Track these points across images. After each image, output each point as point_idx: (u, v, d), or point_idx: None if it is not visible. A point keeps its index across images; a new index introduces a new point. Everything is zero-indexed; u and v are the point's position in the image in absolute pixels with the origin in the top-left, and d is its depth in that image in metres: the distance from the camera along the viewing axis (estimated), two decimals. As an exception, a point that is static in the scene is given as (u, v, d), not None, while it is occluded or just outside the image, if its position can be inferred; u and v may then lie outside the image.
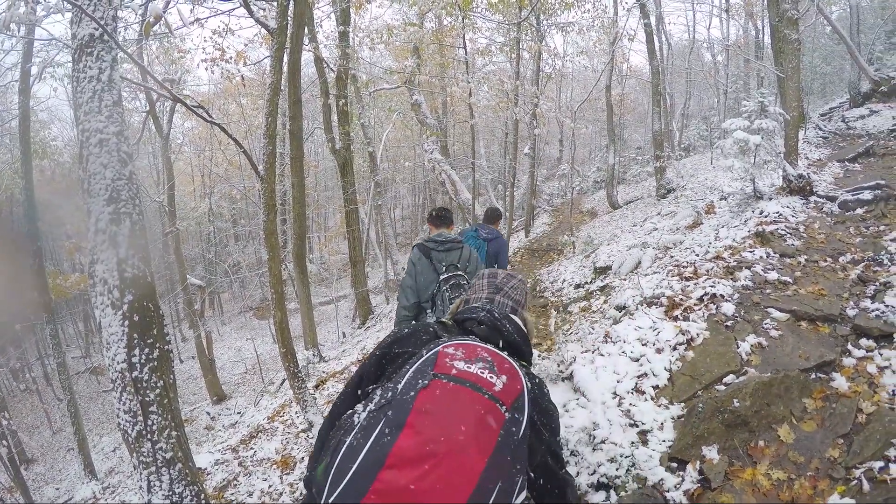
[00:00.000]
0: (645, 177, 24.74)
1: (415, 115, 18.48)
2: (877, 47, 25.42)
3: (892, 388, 3.97)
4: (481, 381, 1.61)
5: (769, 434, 3.78)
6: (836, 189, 10.33)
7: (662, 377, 4.44)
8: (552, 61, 24.38)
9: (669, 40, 28.14)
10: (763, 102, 9.80)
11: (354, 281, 17.05)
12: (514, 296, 2.22)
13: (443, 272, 4.40)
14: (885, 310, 4.95)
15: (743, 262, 6.50)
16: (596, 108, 29.73)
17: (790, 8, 10.18)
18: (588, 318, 7.99)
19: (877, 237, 7.27)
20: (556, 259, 15.40)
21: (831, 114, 21.79)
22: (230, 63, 12.28)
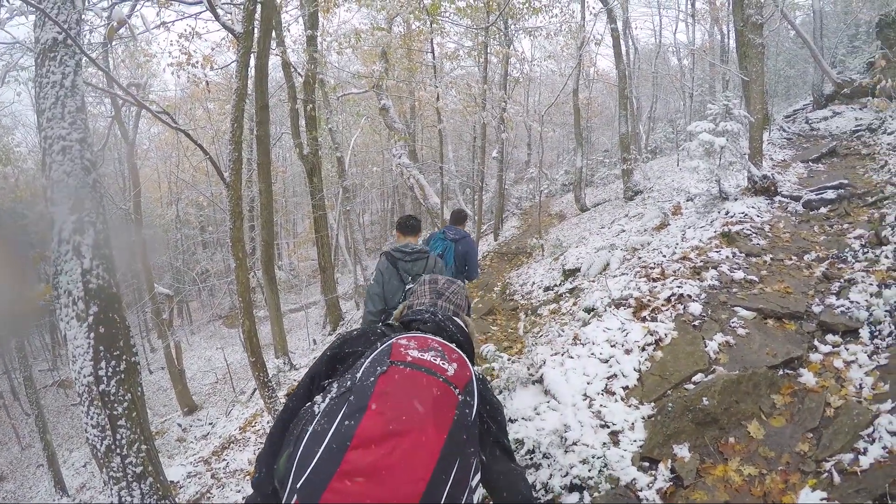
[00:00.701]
0: (612, 179, 24.95)
1: (383, 119, 18.40)
2: (839, 51, 26.12)
3: (858, 382, 4.07)
4: (435, 367, 1.70)
5: (739, 431, 3.84)
6: (800, 189, 10.55)
7: (632, 378, 4.47)
8: (520, 66, 24.53)
9: (636, 45, 28.45)
10: (728, 105, 9.97)
11: (324, 287, 16.93)
12: (455, 300, 2.33)
13: (409, 281, 4.53)
14: (850, 306, 5.07)
15: (709, 262, 6.60)
16: (563, 111, 29.87)
17: (754, 13, 10.40)
18: (558, 320, 8.04)
19: (840, 235, 7.45)
20: (526, 262, 15.46)
21: (795, 115, 22.29)
22: (197, 67, 12.12)
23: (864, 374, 4.15)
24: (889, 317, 4.68)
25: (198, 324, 33.15)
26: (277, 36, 12.97)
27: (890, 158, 11.13)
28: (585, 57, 22.40)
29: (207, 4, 7.30)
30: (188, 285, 27.76)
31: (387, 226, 40.19)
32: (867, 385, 4.01)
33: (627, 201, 17.64)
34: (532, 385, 4.75)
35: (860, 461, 3.29)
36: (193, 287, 28.17)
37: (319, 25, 14.61)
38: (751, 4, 10.51)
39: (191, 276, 28.32)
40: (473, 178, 23.74)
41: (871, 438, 3.43)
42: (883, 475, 3.13)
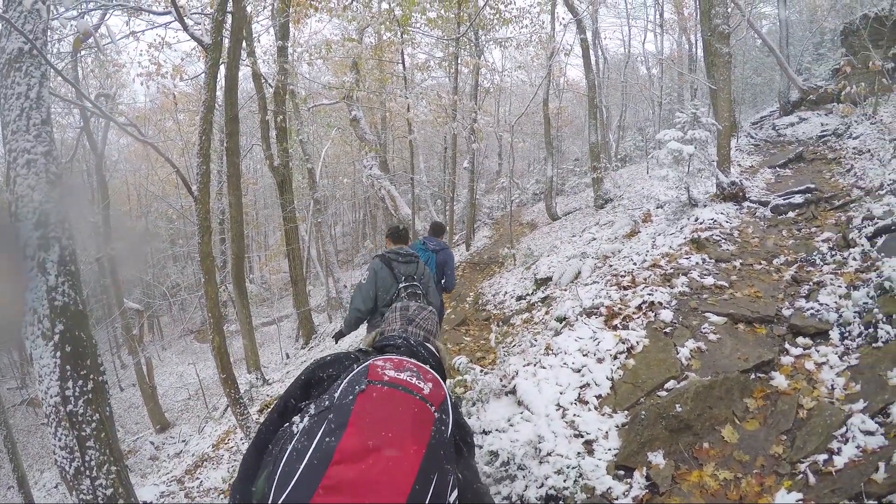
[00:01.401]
0: (583, 188, 25.12)
1: (354, 130, 18.35)
2: (805, 58, 26.71)
3: (830, 383, 4.13)
4: (411, 386, 1.76)
5: (713, 436, 3.87)
6: (768, 194, 10.70)
7: (605, 386, 4.48)
8: (490, 76, 24.67)
9: (606, 55, 28.88)
10: (696, 114, 10.09)
11: (296, 300, 16.81)
12: (426, 325, 2.40)
13: (402, 280, 4.84)
14: (820, 308, 5.15)
15: (680, 268, 6.66)
16: (534, 121, 30.10)
17: (721, 23, 10.58)
18: (531, 329, 8.04)
19: (809, 239, 7.56)
20: (498, 272, 15.48)
21: (762, 122, 22.68)
22: (166, 78, 11.99)
23: (836, 374, 4.21)
24: (858, 318, 4.74)
25: (169, 339, 32.63)
26: (248, 46, 12.89)
27: (856, 162, 11.34)
28: (555, 67, 22.61)
29: (176, 15, 7.22)
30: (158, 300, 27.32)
31: (359, 237, 40.02)
32: (839, 386, 4.07)
33: (598, 209, 17.77)
34: (505, 396, 4.73)
35: (834, 461, 3.34)
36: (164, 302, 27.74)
37: (290, 36, 14.58)
38: (717, 15, 10.69)
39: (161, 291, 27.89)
40: (445, 189, 23.78)
41: (845, 438, 3.48)
42: (857, 474, 3.17)
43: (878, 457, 3.22)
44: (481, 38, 19.85)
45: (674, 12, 27.77)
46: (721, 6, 10.74)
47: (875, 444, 3.34)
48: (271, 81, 14.30)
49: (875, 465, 3.15)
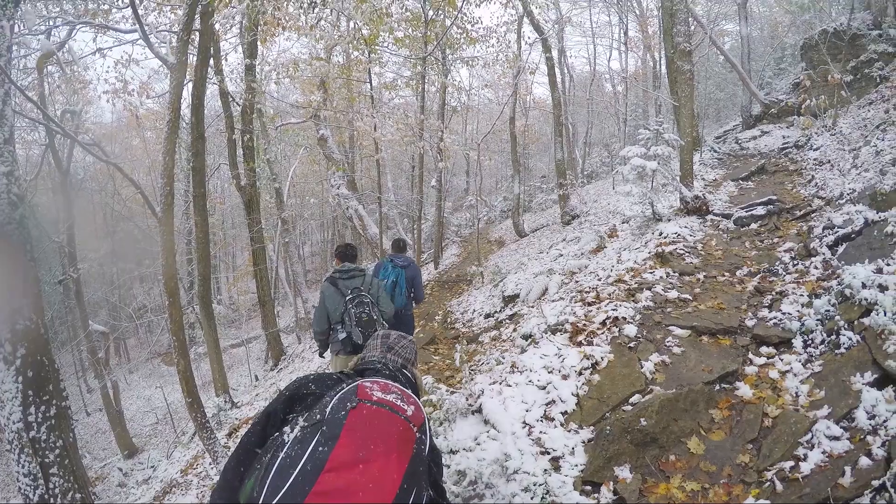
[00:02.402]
0: (550, 204, 25.32)
1: (321, 149, 18.29)
2: (767, 73, 27.43)
3: (794, 391, 4.18)
4: (397, 407, 1.93)
5: (679, 448, 3.88)
6: (731, 206, 10.87)
7: (570, 402, 4.48)
8: (458, 95, 24.83)
9: (572, 72, 29.20)
10: (658, 130, 10.24)
11: (264, 321, 16.61)
12: (404, 353, 2.54)
13: (348, 295, 5.15)
14: (782, 317, 5.23)
15: (644, 283, 6.71)
16: (501, 139, 30.35)
17: (682, 41, 10.79)
18: (498, 347, 8.04)
19: (771, 249, 7.69)
20: (466, 289, 15.49)
21: (725, 136, 23.14)
22: (133, 95, 11.83)
23: (800, 382, 4.27)
24: (820, 325, 4.82)
25: (136, 362, 31.86)
26: (216, 65, 12.81)
27: (816, 173, 11.57)
28: (522, 85, 22.87)
29: (141, 34, 7.17)
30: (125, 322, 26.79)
31: (327, 257, 39.71)
32: (803, 393, 4.12)
33: (565, 225, 17.90)
34: (472, 415, 4.71)
35: (801, 468, 3.38)
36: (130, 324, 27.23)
37: (259, 54, 14.51)
38: (679, 33, 10.92)
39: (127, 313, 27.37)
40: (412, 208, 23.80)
41: (811, 444, 3.52)
42: (824, 479, 3.21)
43: (845, 461, 3.27)
44: (448, 57, 19.98)
45: (638, 31, 28.30)
46: (682, 25, 10.97)
47: (841, 448, 3.39)
48: (239, 100, 14.20)
49: (841, 469, 3.20)
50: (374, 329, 5.04)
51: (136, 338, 34.74)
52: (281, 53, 18.06)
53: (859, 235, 6.37)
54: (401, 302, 6.60)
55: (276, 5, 8.71)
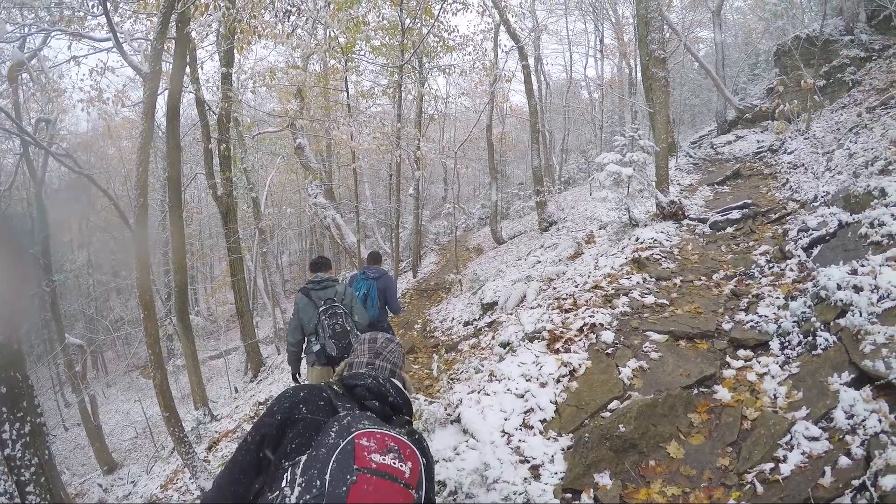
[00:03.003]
0: (528, 211, 25.39)
1: (299, 158, 18.21)
2: (741, 79, 27.91)
3: (772, 393, 4.21)
4: (396, 472, 1.83)
5: (659, 453, 3.89)
6: (707, 211, 10.96)
7: (549, 410, 4.48)
8: (435, 103, 24.88)
9: (548, 80, 29.49)
10: (634, 136, 10.34)
11: (243, 332, 16.45)
12: (392, 359, 2.47)
13: (321, 306, 5.23)
14: (759, 320, 5.26)
15: (621, 288, 6.74)
16: (478, 146, 30.43)
17: (657, 49, 10.92)
18: (477, 355, 8.02)
19: (747, 252, 7.76)
20: (445, 298, 15.50)
21: (701, 141, 23.45)
22: (108, 104, 11.66)
23: (778, 384, 4.29)
24: (797, 327, 4.85)
25: (113, 375, 31.47)
26: (192, 73, 12.69)
27: (791, 176, 11.71)
28: (498, 93, 22.95)
29: (115, 42, 7.07)
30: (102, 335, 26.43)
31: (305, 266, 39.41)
32: (781, 394, 4.14)
33: (543, 232, 17.96)
34: (451, 425, 4.69)
35: (781, 469, 3.39)
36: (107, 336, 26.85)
37: (235, 62, 14.42)
38: (654, 41, 11.05)
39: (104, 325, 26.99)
40: (390, 216, 23.78)
41: (790, 446, 3.54)
42: (805, 480, 3.22)
43: (824, 461, 3.28)
44: (425, 65, 20.01)
45: (614, 38, 28.65)
46: (657, 32, 11.09)
47: (820, 449, 3.40)
48: (215, 108, 14.07)
49: (821, 469, 3.21)
50: (347, 340, 5.17)
51: (114, 350, 34.31)
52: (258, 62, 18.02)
53: (834, 237, 6.44)
54: (374, 313, 6.64)
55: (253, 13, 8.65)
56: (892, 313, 4.14)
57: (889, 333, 3.86)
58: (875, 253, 5.17)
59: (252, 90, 16.18)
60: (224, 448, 9.39)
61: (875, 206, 6.30)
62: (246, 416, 11.09)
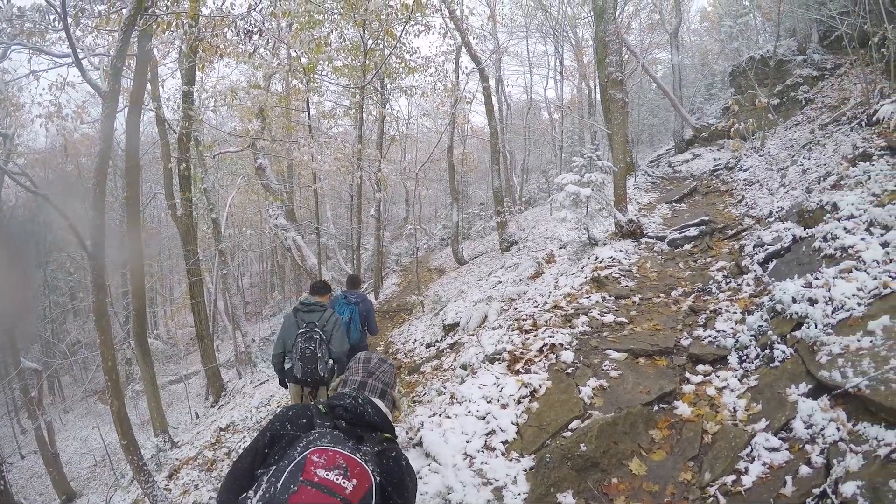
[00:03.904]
0: (489, 231, 25.58)
1: (259, 179, 18.04)
2: (698, 99, 28.62)
3: (732, 406, 4.26)
4: (336, 488, 2.00)
5: (621, 470, 3.88)
6: (665, 229, 11.14)
7: (510, 431, 4.45)
8: (396, 124, 24.95)
9: (509, 101, 29.86)
10: (592, 157, 10.47)
11: (204, 356, 16.17)
12: (384, 378, 2.64)
13: (302, 327, 5.57)
14: (717, 335, 5.34)
15: (580, 308, 6.79)
16: (439, 167, 30.59)
17: (615, 71, 11.13)
18: (440, 376, 8.02)
19: (704, 269, 7.88)
20: (407, 319, 15.49)
21: (659, 160, 23.91)
22: (67, 120, 11.42)
23: (737, 397, 4.35)
24: (754, 341, 4.94)
25: (71, 401, 30.49)
26: (152, 91, 12.53)
27: (746, 193, 11.97)
28: (459, 114, 23.12)
29: (74, 58, 6.94)
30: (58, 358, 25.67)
31: (267, 288, 39.03)
32: (740, 407, 4.19)
33: (504, 252, 18.08)
34: (413, 448, 4.64)
35: (743, 481, 3.42)
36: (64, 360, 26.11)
37: (197, 80, 14.28)
38: (612, 63, 11.27)
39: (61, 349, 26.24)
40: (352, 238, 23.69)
41: (751, 457, 3.57)
42: (766, 490, 3.26)
43: (785, 471, 3.32)
44: (387, 86, 20.11)
45: (573, 60, 29.04)
46: (615, 55, 11.31)
47: (780, 459, 3.45)
48: (176, 127, 13.92)
49: (783, 479, 3.25)
50: (314, 366, 5.49)
51: (71, 375, 33.31)
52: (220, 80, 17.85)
53: (788, 252, 6.58)
54: (356, 337, 7.00)
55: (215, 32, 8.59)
56: (846, 324, 4.23)
57: (844, 344, 3.94)
58: (829, 266, 5.28)
59: (213, 109, 16.03)
60: (185, 476, 9.19)
61: (828, 221, 6.46)
62: (207, 442, 10.90)
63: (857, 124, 10.48)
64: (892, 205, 5.62)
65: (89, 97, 14.05)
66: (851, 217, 6.12)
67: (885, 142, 8.05)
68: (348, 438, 2.23)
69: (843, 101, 14.17)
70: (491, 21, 22.63)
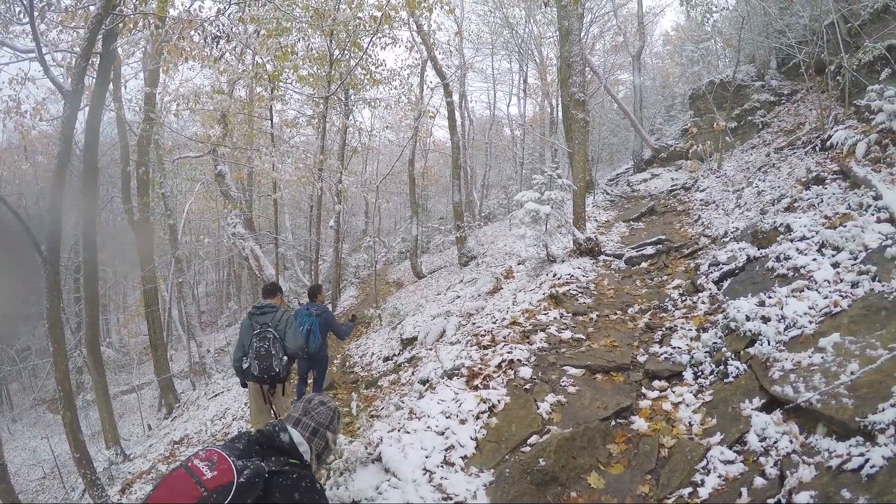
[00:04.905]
0: (448, 245, 25.61)
1: (219, 186, 17.75)
2: (657, 120, 29.26)
3: (688, 420, 4.37)
4: (198, 472, 2.41)
5: (580, 484, 3.94)
6: (622, 247, 11.31)
7: (470, 447, 4.47)
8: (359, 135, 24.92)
9: (471, 116, 30.12)
10: (552, 176, 10.59)
11: (157, 366, 15.86)
12: (318, 419, 2.96)
13: (257, 329, 5.97)
14: (672, 351, 5.46)
15: (539, 324, 6.88)
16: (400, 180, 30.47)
17: (578, 91, 11.32)
18: (398, 391, 8.03)
19: (661, 287, 8.04)
20: (365, 332, 15.43)
21: (618, 179, 24.27)
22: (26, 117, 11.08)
23: (692, 412, 4.46)
24: (709, 357, 5.09)
25: (19, 409, 29.37)
26: (115, 91, 12.31)
27: (703, 213, 12.24)
28: (422, 128, 23.20)
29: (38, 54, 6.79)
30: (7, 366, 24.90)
31: (223, 298, 38.51)
32: (696, 422, 4.31)
33: (462, 267, 18.16)
34: (372, 464, 4.62)
35: (699, 493, 3.51)
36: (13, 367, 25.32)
37: (160, 83, 14.05)
38: (575, 83, 11.46)
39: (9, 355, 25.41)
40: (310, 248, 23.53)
41: (707, 470, 3.67)
42: (723, 502, 3.36)
43: (740, 483, 3.43)
44: (351, 97, 20.07)
45: (537, 78, 29.55)
46: (579, 76, 11.50)
47: (735, 471, 3.55)
48: (136, 129, 13.68)
49: (738, 491, 3.35)
50: (269, 362, 5.92)
51: (20, 382, 32.25)
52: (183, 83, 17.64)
53: (742, 271, 6.76)
54: (315, 345, 7.52)
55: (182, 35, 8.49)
56: (798, 341, 4.39)
57: (796, 360, 4.09)
58: (781, 285, 5.47)
59: (175, 113, 15.87)
60: (138, 490, 8.98)
61: (781, 241, 6.68)
62: (161, 455, 10.70)
63: (811, 149, 10.82)
64: (844, 227, 5.82)
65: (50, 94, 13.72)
66: (804, 238, 6.34)
67: (838, 166, 8.33)
68: (249, 454, 2.62)
69: (799, 126, 14.65)
70: (458, 37, 22.79)
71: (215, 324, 34.05)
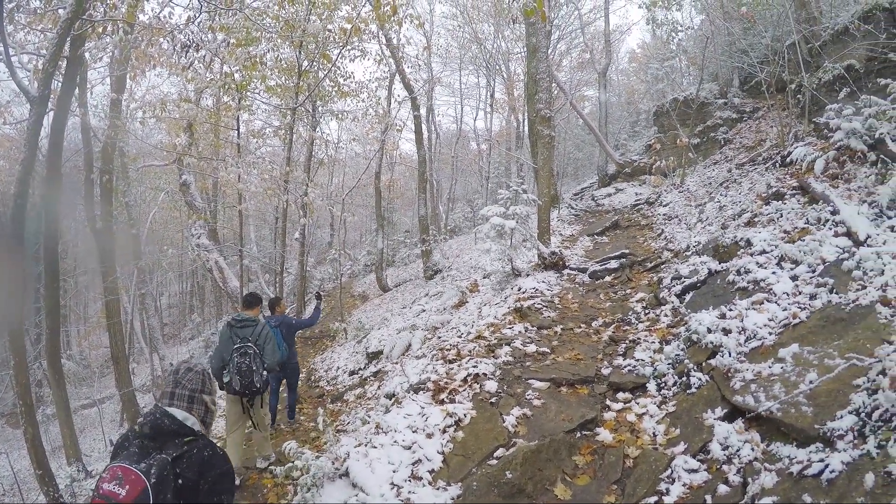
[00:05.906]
0: (414, 259, 25.59)
1: (183, 196, 17.49)
2: (622, 136, 29.73)
3: (652, 431, 4.45)
4: (112, 495, 2.50)
5: (547, 496, 3.98)
6: (587, 261, 11.44)
7: (437, 461, 4.49)
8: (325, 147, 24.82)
9: (438, 130, 30.09)
10: (517, 190, 10.69)
11: (119, 380, 15.43)
12: (190, 386, 2.96)
13: (237, 343, 5.88)
14: (636, 364, 5.55)
15: (504, 338, 6.93)
16: (366, 193, 30.39)
17: (544, 108, 11.47)
18: (364, 405, 8.01)
19: (624, 300, 8.15)
20: (330, 346, 15.32)
21: (583, 193, 24.54)
22: None
23: (656, 422, 4.55)
24: (672, 369, 5.18)
25: None
26: (80, 96, 12.06)
27: (666, 227, 12.43)
28: (389, 141, 23.22)
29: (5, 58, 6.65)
30: None
31: (186, 309, 37.76)
32: (660, 432, 4.39)
33: (428, 280, 18.17)
34: (339, 479, 4.61)
35: (664, 501, 3.59)
36: None
37: (127, 89, 13.83)
38: (541, 100, 11.61)
39: None
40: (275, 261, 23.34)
41: (671, 479, 3.75)
42: None
43: (705, 490, 3.51)
44: (319, 108, 19.99)
45: (504, 93, 29.66)
46: (545, 93, 11.64)
47: (699, 479, 3.64)
48: (101, 136, 13.42)
49: (703, 498, 3.44)
50: (251, 378, 5.84)
51: (-25, 396, 31.35)
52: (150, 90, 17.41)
53: (704, 284, 6.90)
54: (283, 355, 7.38)
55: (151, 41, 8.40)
56: (758, 352, 4.51)
57: (757, 370, 4.20)
58: (742, 298, 5.60)
59: (141, 120, 15.60)
60: (102, 508, 8.76)
61: (741, 255, 6.83)
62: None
63: (771, 165, 11.05)
64: (802, 241, 5.98)
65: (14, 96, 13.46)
66: (764, 252, 6.48)
67: (798, 182, 8.51)
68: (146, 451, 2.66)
69: (760, 143, 14.98)
70: (426, 51, 22.88)
71: (178, 336, 33.40)
